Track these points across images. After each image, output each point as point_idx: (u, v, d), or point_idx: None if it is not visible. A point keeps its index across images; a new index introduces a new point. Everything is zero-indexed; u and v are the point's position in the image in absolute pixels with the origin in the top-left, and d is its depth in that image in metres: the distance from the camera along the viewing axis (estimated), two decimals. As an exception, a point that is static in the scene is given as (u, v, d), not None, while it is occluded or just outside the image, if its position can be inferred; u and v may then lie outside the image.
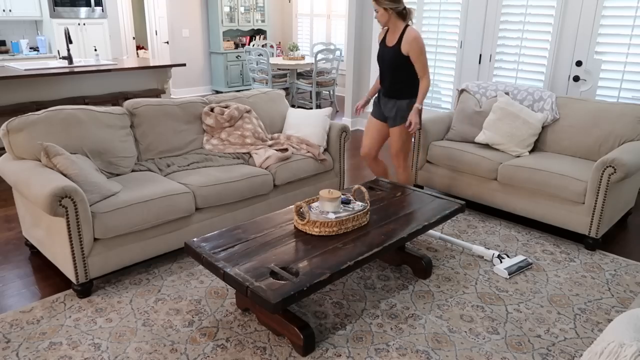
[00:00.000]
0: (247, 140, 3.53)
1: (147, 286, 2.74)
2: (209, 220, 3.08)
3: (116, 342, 2.27)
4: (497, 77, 4.92)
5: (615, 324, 1.30)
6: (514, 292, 2.74)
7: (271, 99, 4.06)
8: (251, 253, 2.27)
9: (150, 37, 8.96)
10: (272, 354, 2.21)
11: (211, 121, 3.54)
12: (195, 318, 2.46)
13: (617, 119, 3.52)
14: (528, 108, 3.83)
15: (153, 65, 5.48)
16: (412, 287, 2.78)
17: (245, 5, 8.87)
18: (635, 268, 3.00)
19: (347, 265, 2.18)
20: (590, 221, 3.15)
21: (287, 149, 3.57)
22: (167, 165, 3.25)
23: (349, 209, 2.62)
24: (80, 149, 2.96)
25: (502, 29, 4.80)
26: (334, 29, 8.98)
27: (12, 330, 2.35)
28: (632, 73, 4.06)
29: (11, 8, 6.32)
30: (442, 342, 2.31)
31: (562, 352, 2.25)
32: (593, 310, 2.57)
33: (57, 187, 2.38)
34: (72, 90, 4.85)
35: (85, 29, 6.87)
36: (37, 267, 2.94)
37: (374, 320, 2.47)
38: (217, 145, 3.52)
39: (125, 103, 3.36)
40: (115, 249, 2.67)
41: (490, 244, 3.28)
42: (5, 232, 3.37)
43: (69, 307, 2.53)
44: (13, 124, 2.84)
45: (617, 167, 2.99)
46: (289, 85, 7.63)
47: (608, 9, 4.10)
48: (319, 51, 7.24)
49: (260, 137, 3.62)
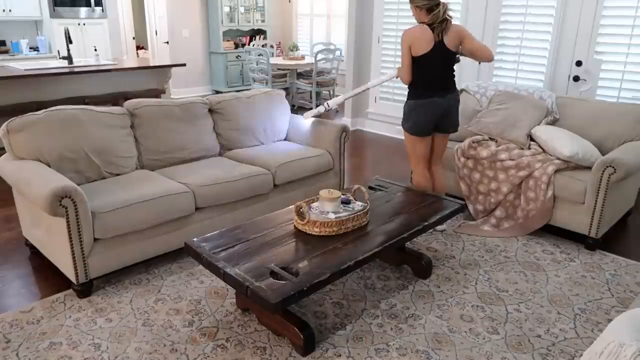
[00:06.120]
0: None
1: (147, 286, 2.74)
2: (209, 220, 3.08)
3: (116, 342, 2.27)
4: (497, 77, 4.92)
5: (615, 324, 1.30)
6: (514, 292, 2.73)
7: (271, 99, 4.06)
8: (251, 253, 2.27)
9: (150, 37, 8.96)
10: (272, 354, 2.21)
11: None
12: (195, 318, 2.46)
13: (617, 119, 3.52)
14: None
15: (153, 65, 5.48)
16: (412, 287, 2.78)
17: (245, 5, 8.87)
18: (635, 268, 3.00)
19: (347, 265, 2.18)
20: (590, 221, 3.15)
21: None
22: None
23: (349, 209, 2.62)
24: (81, 149, 2.96)
25: (502, 29, 4.80)
26: (334, 29, 8.98)
27: (12, 330, 2.35)
28: (632, 73, 4.06)
29: (11, 8, 6.31)
30: (442, 342, 2.31)
31: (562, 352, 2.25)
32: (593, 310, 2.57)
33: (57, 187, 2.38)
34: (72, 90, 4.85)
35: (85, 29, 6.87)
36: (37, 267, 2.94)
37: (374, 320, 2.47)
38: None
39: (125, 103, 3.36)
40: (115, 249, 2.67)
41: (490, 244, 3.28)
42: (5, 232, 3.37)
43: (69, 307, 2.53)
44: (13, 124, 2.84)
45: (617, 167, 2.99)
46: (289, 85, 7.63)
47: (608, 9, 4.10)
48: (319, 51, 7.24)
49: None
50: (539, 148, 3.50)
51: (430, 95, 3.17)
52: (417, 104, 3.21)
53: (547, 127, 3.58)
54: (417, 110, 3.21)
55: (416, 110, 3.22)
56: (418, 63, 3.12)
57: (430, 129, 3.28)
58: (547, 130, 3.52)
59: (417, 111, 3.21)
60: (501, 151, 3.50)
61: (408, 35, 3.09)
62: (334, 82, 7.66)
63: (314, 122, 3.96)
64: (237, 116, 3.80)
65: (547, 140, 3.41)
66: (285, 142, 4.04)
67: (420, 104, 3.20)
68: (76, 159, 2.95)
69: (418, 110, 3.21)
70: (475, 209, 3.65)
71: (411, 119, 3.25)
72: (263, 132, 3.94)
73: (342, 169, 3.93)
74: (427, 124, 3.24)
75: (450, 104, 3.25)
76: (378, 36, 5.99)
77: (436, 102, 3.19)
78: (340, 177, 3.95)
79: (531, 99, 3.79)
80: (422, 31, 3.08)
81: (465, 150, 3.65)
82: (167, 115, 3.44)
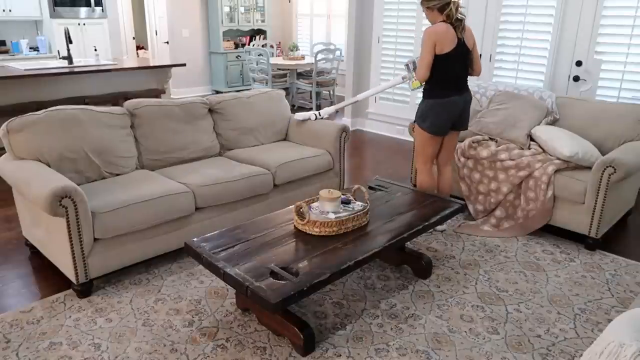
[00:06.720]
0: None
1: (147, 286, 2.74)
2: (209, 220, 3.08)
3: (116, 342, 2.27)
4: (497, 77, 4.91)
5: (615, 324, 1.30)
6: (514, 292, 2.73)
7: (271, 99, 4.06)
8: (251, 253, 2.27)
9: (150, 37, 8.96)
10: (272, 354, 2.21)
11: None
12: (195, 318, 2.46)
13: (617, 119, 3.52)
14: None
15: (153, 65, 5.48)
16: (412, 287, 2.78)
17: (245, 5, 8.87)
18: (635, 268, 3.00)
19: (347, 265, 2.18)
20: (590, 221, 3.15)
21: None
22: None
23: (349, 209, 2.62)
24: (81, 149, 2.96)
25: (502, 29, 4.80)
26: (334, 29, 8.98)
27: (12, 330, 2.35)
28: (632, 73, 4.06)
29: (11, 8, 6.31)
30: (442, 342, 2.31)
31: (562, 352, 2.25)
32: (593, 310, 2.57)
33: (57, 187, 2.38)
34: (72, 90, 4.85)
35: (85, 29, 6.87)
36: (37, 267, 2.94)
37: (374, 320, 2.47)
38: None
39: (125, 103, 3.36)
40: (115, 249, 2.67)
41: (490, 244, 3.28)
42: (5, 232, 3.37)
43: (69, 307, 2.53)
44: (13, 124, 2.84)
45: (617, 167, 2.99)
46: (289, 85, 7.63)
47: (608, 9, 4.10)
48: (319, 51, 7.24)
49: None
50: (539, 148, 3.50)
51: (448, 95, 3.15)
52: (437, 103, 3.17)
53: (547, 127, 3.58)
54: (436, 109, 3.18)
55: (435, 110, 3.18)
56: (440, 61, 3.05)
57: (448, 129, 3.27)
58: (547, 130, 3.52)
59: (437, 110, 3.18)
60: (501, 151, 3.50)
61: (433, 33, 3.02)
62: (334, 82, 7.66)
63: (314, 122, 3.96)
64: (237, 116, 3.80)
65: (547, 140, 3.41)
66: (285, 142, 4.03)
67: (440, 104, 3.17)
68: (76, 159, 2.95)
69: (437, 109, 3.18)
70: (475, 209, 3.65)
71: (429, 118, 3.20)
72: (263, 132, 3.94)
73: (342, 169, 3.93)
74: (446, 122, 3.23)
75: (466, 101, 3.25)
76: (378, 36, 5.99)
77: (455, 102, 3.18)
78: (340, 177, 3.95)
79: (531, 99, 3.79)
80: (447, 29, 3.02)
81: (465, 150, 3.65)
82: (167, 115, 3.44)
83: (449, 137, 3.36)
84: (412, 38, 5.64)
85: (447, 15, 3.01)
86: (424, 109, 3.23)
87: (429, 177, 3.41)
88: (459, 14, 3.04)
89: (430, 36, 3.02)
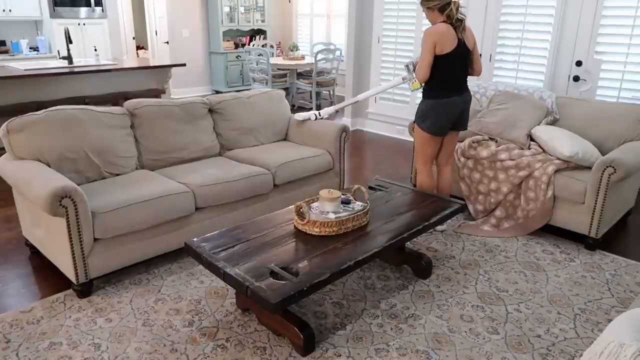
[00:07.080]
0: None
1: (147, 286, 2.74)
2: (209, 220, 3.08)
3: (116, 342, 2.27)
4: (497, 77, 4.91)
5: (615, 324, 1.30)
6: (514, 292, 2.73)
7: (271, 99, 4.06)
8: (251, 253, 2.27)
9: (150, 37, 8.96)
10: (272, 354, 2.21)
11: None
12: (195, 318, 2.46)
13: (617, 119, 3.52)
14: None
15: (153, 65, 5.48)
16: (412, 287, 2.78)
17: (245, 5, 8.87)
18: (635, 268, 3.00)
19: (347, 265, 2.18)
20: (590, 221, 3.15)
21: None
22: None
23: (349, 209, 2.62)
24: (81, 149, 2.96)
25: (502, 29, 4.80)
26: (334, 29, 8.98)
27: (12, 330, 2.35)
28: (632, 73, 4.06)
29: (11, 8, 6.31)
30: (442, 342, 2.31)
31: (562, 352, 2.25)
32: (593, 310, 2.57)
33: (57, 187, 2.38)
34: (72, 90, 4.85)
35: (85, 29, 6.87)
36: (37, 267, 2.94)
37: (374, 320, 2.47)
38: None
39: (125, 103, 3.36)
40: (115, 249, 2.67)
41: (490, 244, 3.28)
42: (5, 232, 3.37)
43: (69, 307, 2.53)
44: (13, 124, 2.84)
45: (617, 167, 2.99)
46: (289, 85, 7.63)
47: (608, 9, 4.10)
48: (319, 51, 7.24)
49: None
50: (539, 148, 3.50)
51: (449, 95, 3.15)
52: (437, 104, 3.17)
53: (547, 127, 3.58)
54: (436, 110, 3.18)
55: (435, 110, 3.18)
56: (440, 62, 3.04)
57: (448, 129, 3.28)
58: (547, 130, 3.52)
59: (437, 111, 3.18)
60: (501, 151, 3.50)
61: (434, 33, 3.01)
62: (334, 82, 7.66)
63: (314, 122, 3.96)
64: (237, 116, 3.80)
65: (547, 140, 3.41)
66: (285, 142, 4.03)
67: (440, 104, 3.17)
68: (76, 159, 2.95)
69: (438, 110, 3.18)
70: (475, 209, 3.65)
71: (429, 119, 3.20)
72: (263, 132, 3.94)
73: (342, 169, 3.93)
74: (445, 123, 3.23)
75: (466, 101, 3.25)
76: (378, 36, 5.99)
77: (455, 102, 3.17)
78: (340, 177, 3.95)
79: (531, 99, 3.79)
80: (447, 29, 3.01)
81: (465, 150, 3.65)
82: (167, 115, 3.44)
83: (449, 137, 3.36)
84: (412, 38, 5.64)
85: (447, 16, 3.01)
86: (424, 109, 3.23)
87: (428, 177, 3.40)
88: (459, 14, 3.03)
89: (431, 36, 3.01)
